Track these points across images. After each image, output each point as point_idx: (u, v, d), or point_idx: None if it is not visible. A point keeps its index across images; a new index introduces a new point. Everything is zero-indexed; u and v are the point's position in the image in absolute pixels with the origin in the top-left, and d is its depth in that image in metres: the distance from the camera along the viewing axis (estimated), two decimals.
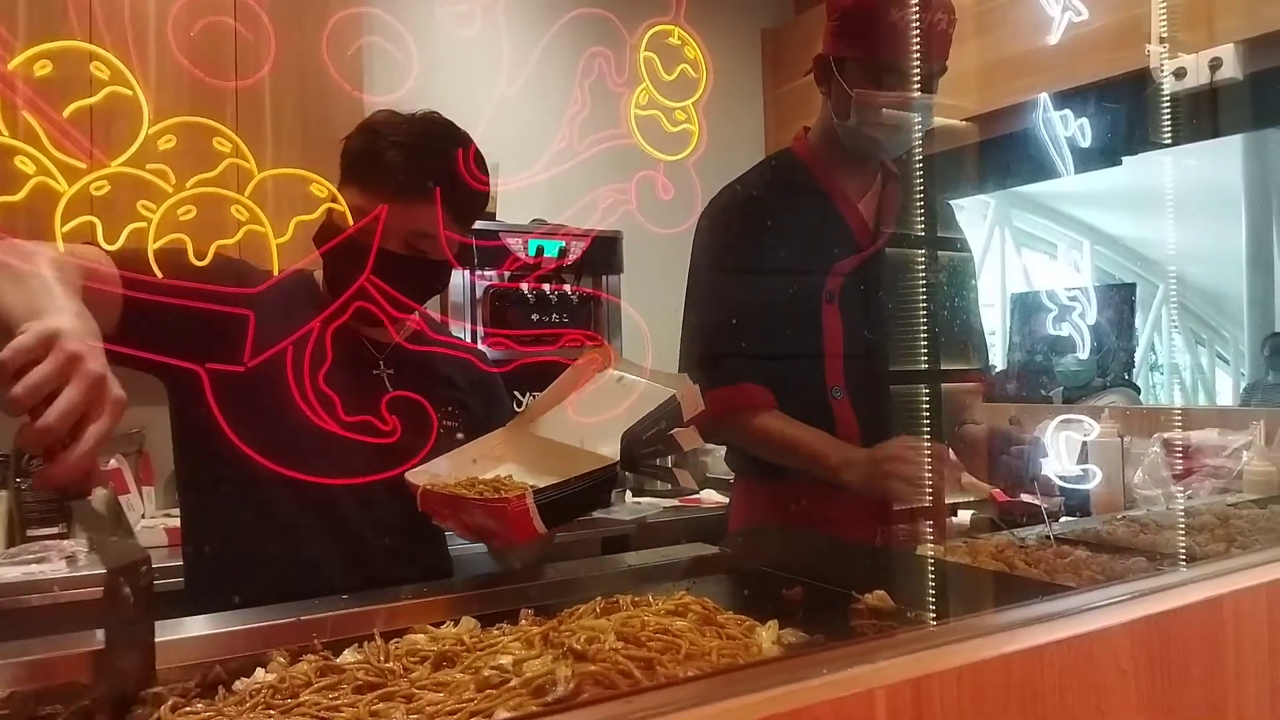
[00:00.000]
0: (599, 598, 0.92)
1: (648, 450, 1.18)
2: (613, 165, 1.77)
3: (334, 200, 1.12)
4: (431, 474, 1.19)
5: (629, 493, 3.19)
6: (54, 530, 2.35)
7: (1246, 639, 0.71)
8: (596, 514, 2.80)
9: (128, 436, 2.45)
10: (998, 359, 4.53)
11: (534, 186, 2.85)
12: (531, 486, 1.14)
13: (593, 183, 2.01)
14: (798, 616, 1.02)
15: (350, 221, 1.19)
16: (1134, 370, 4.28)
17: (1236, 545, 1.21)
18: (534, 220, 2.94)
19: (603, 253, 2.80)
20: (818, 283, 1.47)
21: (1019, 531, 1.41)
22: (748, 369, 1.45)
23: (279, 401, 1.05)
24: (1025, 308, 4.75)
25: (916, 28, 1.35)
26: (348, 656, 0.82)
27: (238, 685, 0.81)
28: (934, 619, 0.98)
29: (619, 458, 1.14)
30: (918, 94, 1.42)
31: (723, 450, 1.75)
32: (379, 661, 0.78)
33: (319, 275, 1.32)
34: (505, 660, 0.73)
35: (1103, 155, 2.87)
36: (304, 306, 1.21)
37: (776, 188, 1.54)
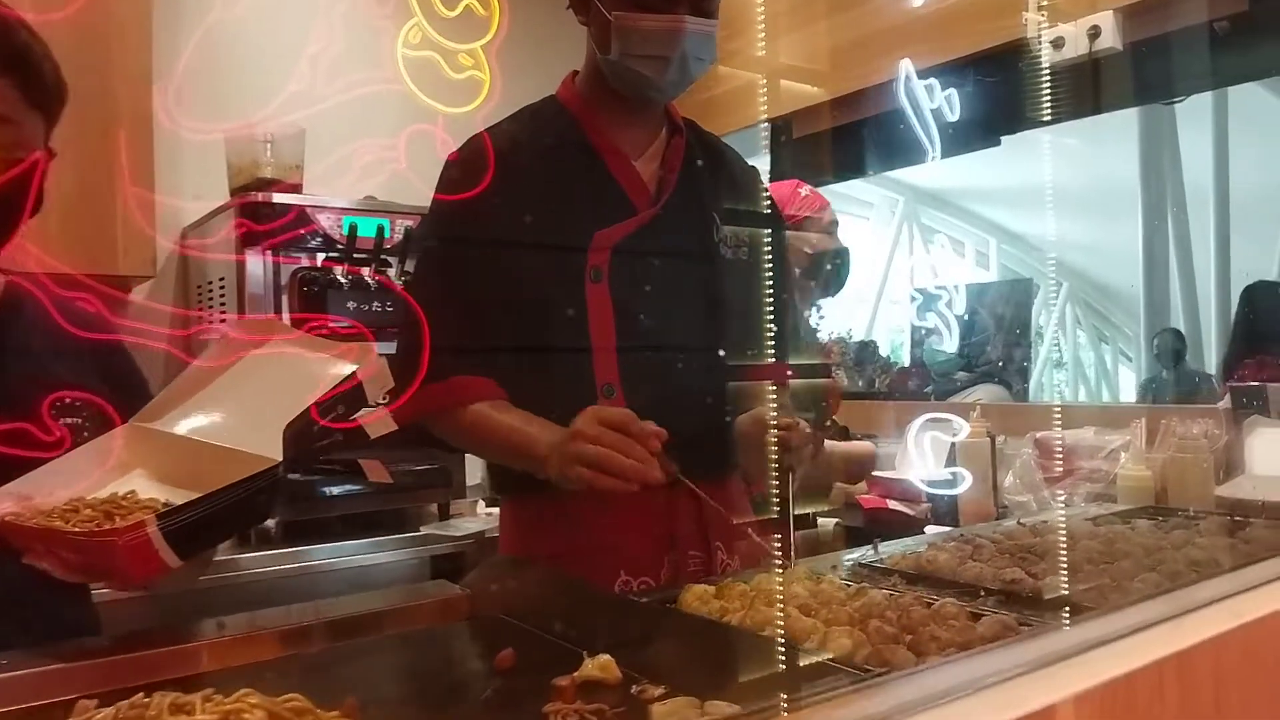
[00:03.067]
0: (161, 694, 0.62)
1: (324, 442, 0.91)
2: (376, 116, 1.45)
3: None
4: (18, 496, 0.88)
5: (481, 503, 2.87)
6: None
7: None
8: (425, 529, 2.50)
9: None
10: (904, 356, 4.36)
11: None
12: (158, 508, 0.85)
13: (346, 136, 1.67)
14: (486, 695, 0.75)
15: None
16: (1029, 367, 4.14)
17: (1079, 578, 0.97)
18: (366, 198, 2.61)
19: None
20: (579, 258, 1.19)
21: (832, 557, 1.15)
22: (474, 362, 1.17)
23: None
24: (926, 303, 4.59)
25: None
26: None
27: None
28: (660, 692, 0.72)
29: (281, 457, 0.86)
30: (689, 17, 1.15)
31: None
32: None
33: None
34: None
35: (979, 134, 2.69)
36: None
37: (529, 142, 1.25)
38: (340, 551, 2.25)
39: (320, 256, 2.35)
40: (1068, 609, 0.85)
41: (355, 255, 2.32)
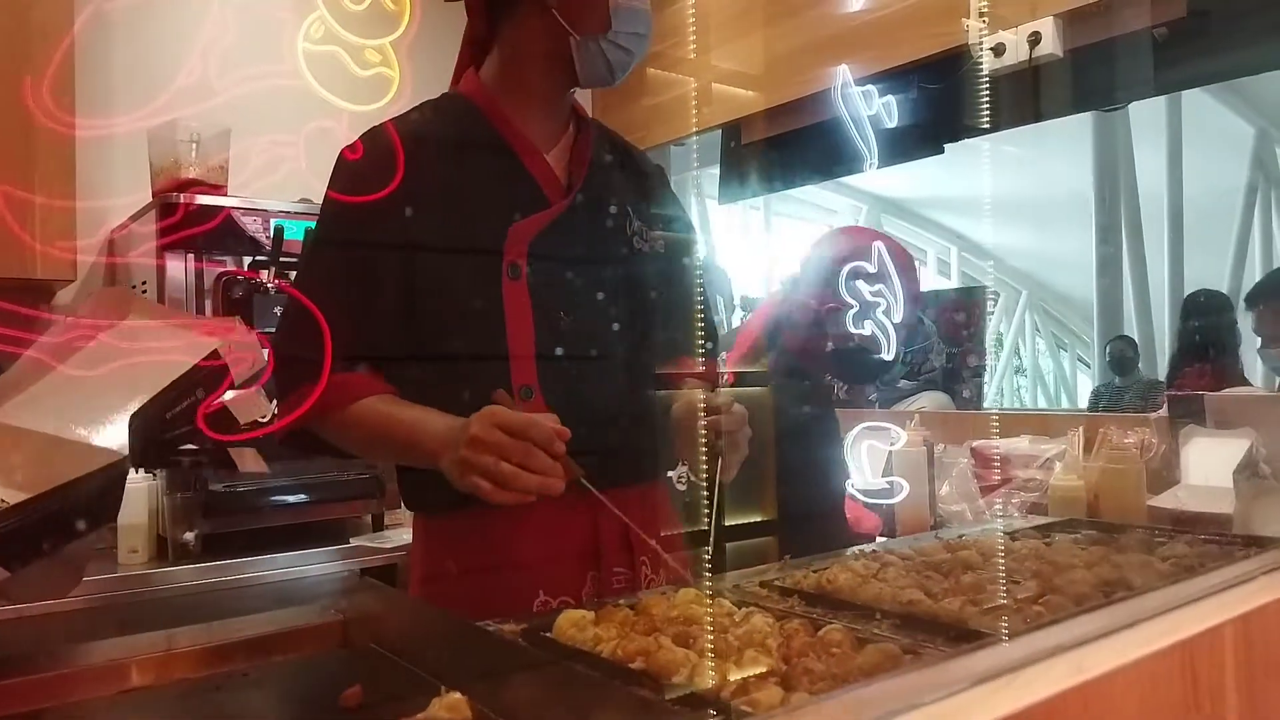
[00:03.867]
0: None
1: (180, 431, 0.85)
2: (273, 112, 1.38)
3: None
4: None
5: None
6: None
7: None
8: (356, 541, 2.42)
9: None
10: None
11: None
12: None
13: (242, 132, 1.62)
14: None
15: None
16: (981, 373, 4.14)
17: (980, 599, 0.93)
18: (300, 200, 2.54)
19: None
20: (494, 254, 1.14)
21: (740, 574, 1.11)
22: (362, 363, 1.12)
23: None
24: None
25: None
26: None
27: None
28: None
29: (126, 449, 0.81)
30: None
31: None
32: None
33: None
34: None
35: (922, 142, 2.66)
36: None
37: (434, 135, 1.20)
38: (264, 565, 2.18)
39: (246, 261, 2.27)
40: (971, 633, 0.82)
41: (282, 260, 2.25)
